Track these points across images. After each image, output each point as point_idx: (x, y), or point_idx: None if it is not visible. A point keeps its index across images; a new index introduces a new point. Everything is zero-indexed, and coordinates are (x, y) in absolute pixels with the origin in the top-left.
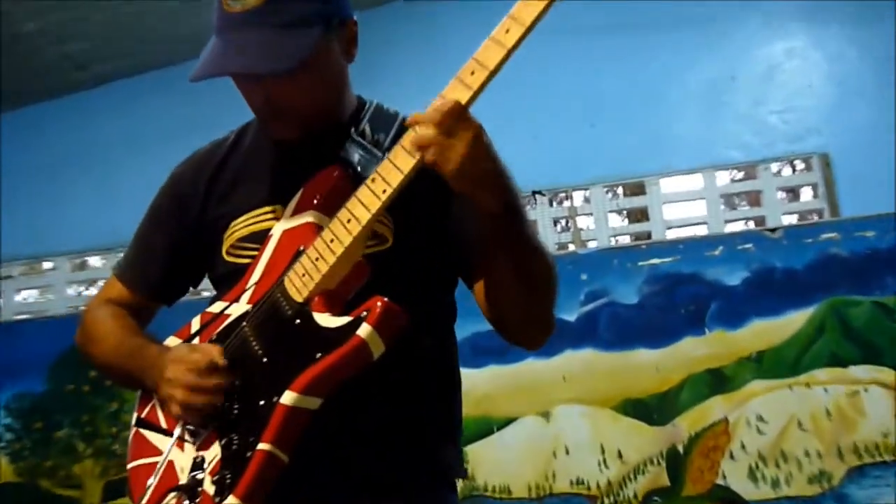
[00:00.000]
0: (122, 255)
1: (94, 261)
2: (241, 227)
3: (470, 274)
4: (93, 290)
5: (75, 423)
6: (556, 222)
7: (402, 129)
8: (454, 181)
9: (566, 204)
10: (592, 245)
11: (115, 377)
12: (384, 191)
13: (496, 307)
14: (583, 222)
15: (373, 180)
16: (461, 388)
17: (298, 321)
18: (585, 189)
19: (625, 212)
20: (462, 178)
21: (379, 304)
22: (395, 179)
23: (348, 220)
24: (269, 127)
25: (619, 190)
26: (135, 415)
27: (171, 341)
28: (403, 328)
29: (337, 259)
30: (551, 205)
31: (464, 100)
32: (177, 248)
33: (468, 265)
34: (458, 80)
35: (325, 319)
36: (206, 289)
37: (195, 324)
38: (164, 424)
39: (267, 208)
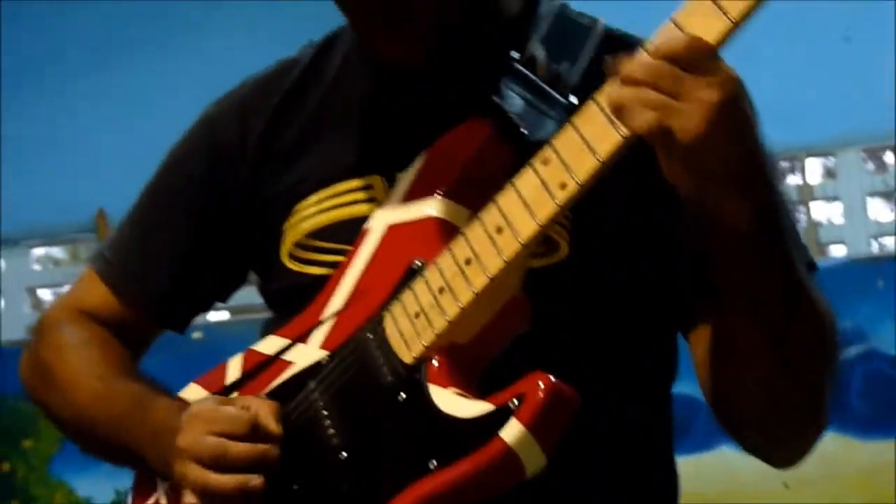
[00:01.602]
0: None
1: None
2: (313, 211)
3: (685, 319)
4: None
5: None
6: None
7: (603, 54)
8: (676, 173)
9: (794, 179)
10: (839, 252)
11: (93, 445)
12: (563, 185)
13: (724, 386)
14: (822, 212)
15: (545, 162)
16: (678, 490)
17: (403, 396)
18: (828, 154)
19: None
20: (690, 169)
21: (541, 385)
22: (585, 167)
23: (498, 230)
24: (375, 39)
25: (889, 156)
26: None
27: (192, 393)
28: (573, 421)
29: (476, 296)
30: None
31: (714, 35)
32: (203, 240)
33: (683, 304)
34: None
35: (449, 400)
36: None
37: (233, 368)
38: None
39: (359, 181)
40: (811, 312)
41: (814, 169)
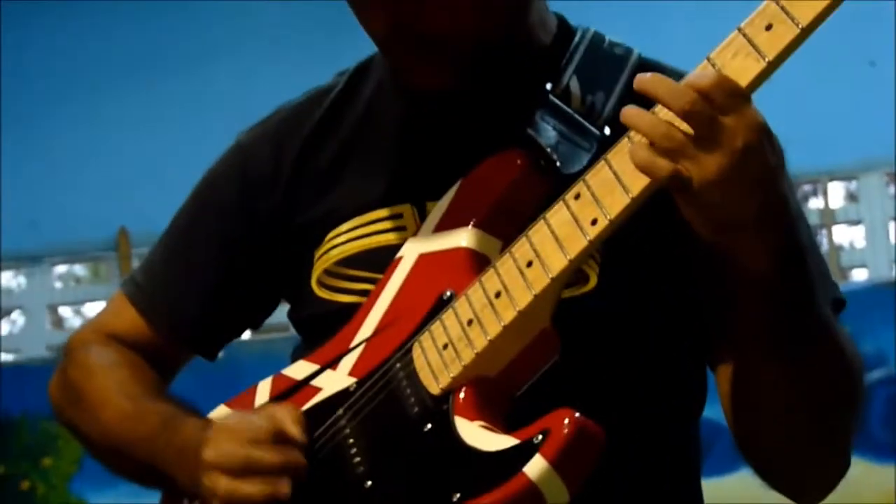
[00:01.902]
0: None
1: None
2: (344, 239)
3: (711, 352)
4: None
5: None
6: None
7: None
8: (692, 218)
9: (815, 203)
10: (861, 276)
11: (121, 465)
12: (594, 221)
13: (745, 421)
14: (845, 235)
15: (577, 196)
16: None
17: (430, 428)
18: (850, 178)
19: None
20: (705, 216)
21: (567, 421)
22: (616, 204)
23: (529, 264)
24: (406, 67)
25: None
26: None
27: (221, 415)
28: (599, 459)
29: (504, 329)
30: None
31: (746, 78)
32: (234, 267)
33: (709, 338)
34: (740, 36)
35: (475, 433)
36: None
37: (262, 392)
38: None
39: (389, 210)
40: (834, 355)
41: (836, 193)
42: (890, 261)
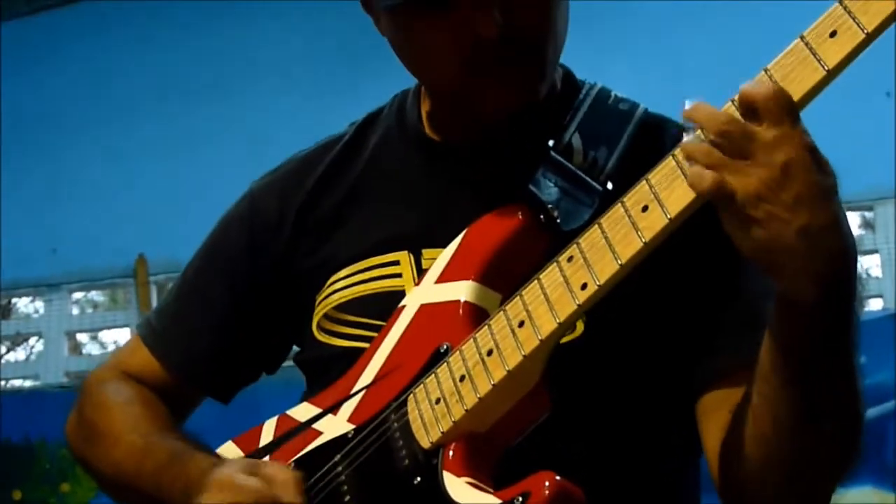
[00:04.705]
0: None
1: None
2: (343, 285)
3: (698, 395)
4: None
5: None
6: None
7: (641, 140)
8: (735, 235)
9: None
10: (876, 305)
11: (129, 500)
12: (584, 286)
13: (741, 464)
14: (861, 264)
15: (569, 259)
16: None
17: (419, 481)
18: (868, 209)
19: None
20: (752, 236)
21: (547, 484)
22: (606, 270)
23: (521, 324)
24: (480, 92)
25: None
26: None
27: (228, 452)
28: None
29: (494, 388)
30: None
31: (801, 89)
32: (242, 312)
33: (695, 381)
34: (802, 44)
35: (462, 490)
36: None
37: (266, 432)
38: None
39: (386, 257)
40: (853, 393)
41: (852, 222)
42: None
